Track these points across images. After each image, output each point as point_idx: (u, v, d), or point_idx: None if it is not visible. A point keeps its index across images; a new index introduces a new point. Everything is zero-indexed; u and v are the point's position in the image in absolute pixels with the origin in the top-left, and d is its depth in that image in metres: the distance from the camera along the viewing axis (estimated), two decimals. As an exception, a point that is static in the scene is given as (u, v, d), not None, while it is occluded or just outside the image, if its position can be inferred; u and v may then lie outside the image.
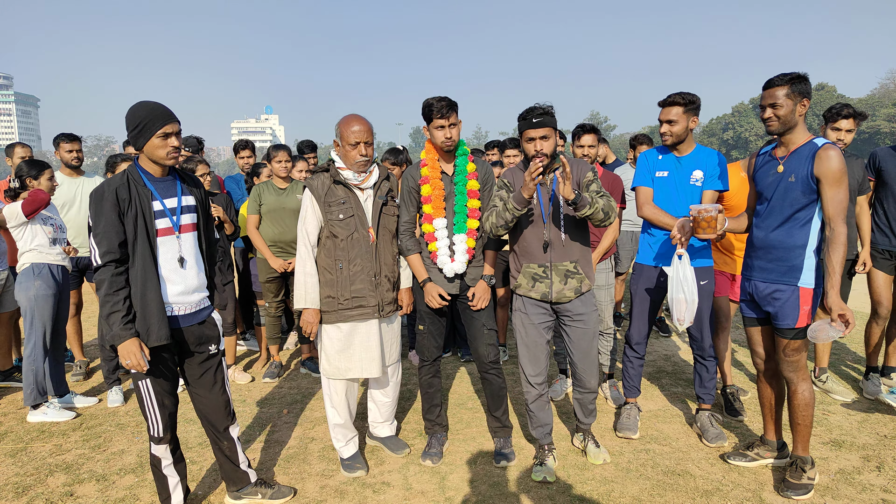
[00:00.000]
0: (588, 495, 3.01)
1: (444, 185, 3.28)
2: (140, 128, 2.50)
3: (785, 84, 2.81)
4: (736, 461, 3.26)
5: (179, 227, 2.65)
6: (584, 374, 3.24)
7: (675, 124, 3.42)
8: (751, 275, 3.05)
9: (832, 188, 2.74)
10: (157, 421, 2.66)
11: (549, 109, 3.01)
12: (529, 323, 3.19)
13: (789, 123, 2.85)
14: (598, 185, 3.08)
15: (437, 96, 3.20)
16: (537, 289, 3.13)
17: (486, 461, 3.40)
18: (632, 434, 3.62)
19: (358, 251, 3.16)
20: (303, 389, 4.65)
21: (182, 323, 2.66)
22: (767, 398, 3.22)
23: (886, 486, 3.01)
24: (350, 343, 3.20)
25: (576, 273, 3.10)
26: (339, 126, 3.15)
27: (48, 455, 3.57)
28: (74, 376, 4.91)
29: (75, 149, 5.01)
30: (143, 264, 2.51)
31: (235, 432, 2.95)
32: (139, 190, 2.54)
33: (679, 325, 3.22)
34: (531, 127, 2.97)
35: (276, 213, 4.71)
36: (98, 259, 2.47)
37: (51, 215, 4.21)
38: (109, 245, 2.45)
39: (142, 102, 2.55)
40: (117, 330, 2.44)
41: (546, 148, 2.95)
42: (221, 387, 2.87)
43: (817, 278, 2.90)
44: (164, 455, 2.74)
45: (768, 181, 2.94)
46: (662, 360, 5.14)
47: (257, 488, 3.00)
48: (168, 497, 2.78)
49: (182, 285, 2.65)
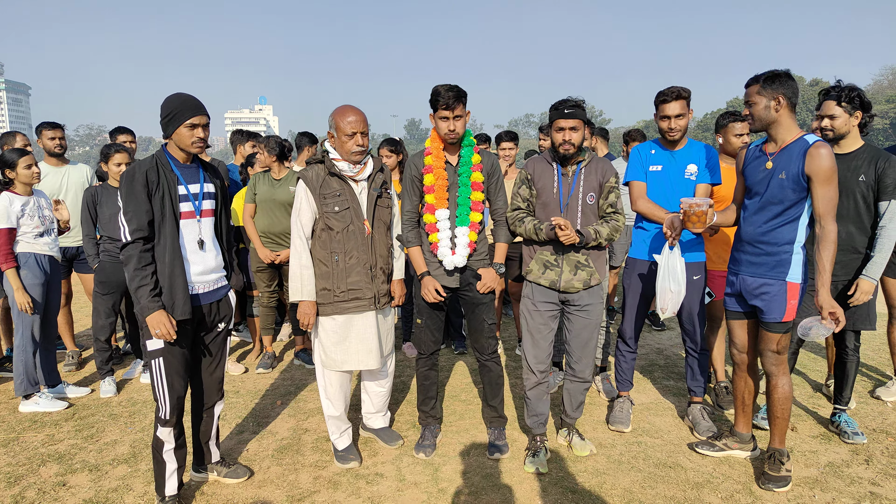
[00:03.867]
0: (580, 487, 3.03)
1: (447, 175, 3.26)
2: (171, 116, 2.67)
3: (757, 82, 2.87)
4: (703, 451, 3.31)
5: (201, 212, 2.82)
6: (579, 363, 3.28)
7: (683, 118, 3.44)
8: (738, 269, 3.07)
9: (823, 186, 2.75)
10: (166, 402, 2.75)
11: (581, 103, 3.11)
12: (535, 310, 3.23)
13: (765, 120, 2.88)
14: (617, 195, 3.15)
15: (445, 84, 3.13)
16: (547, 276, 3.17)
17: (479, 453, 3.41)
18: (624, 427, 3.64)
19: (354, 243, 3.15)
20: (296, 381, 4.65)
21: (202, 301, 2.83)
22: (741, 391, 3.27)
23: (874, 479, 3.04)
24: (346, 335, 3.20)
25: (586, 266, 3.14)
26: (333, 117, 3.12)
27: (40, 445, 3.56)
28: (67, 366, 4.89)
29: (57, 136, 4.93)
30: (171, 243, 2.68)
31: (219, 409, 3.10)
32: (167, 174, 2.70)
33: (661, 313, 3.25)
34: (563, 117, 3.06)
35: (266, 203, 4.73)
36: (128, 236, 2.60)
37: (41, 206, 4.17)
38: (139, 223, 2.60)
39: (177, 93, 2.74)
40: (145, 302, 2.59)
41: (575, 139, 3.05)
42: (221, 364, 3.05)
43: (804, 273, 2.93)
44: (167, 439, 2.80)
45: (758, 177, 2.95)
46: (655, 354, 5.17)
47: (215, 466, 3.15)
48: (163, 484, 2.82)
49: (201, 266, 2.81)
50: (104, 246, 4.37)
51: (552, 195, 3.16)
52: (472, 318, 3.42)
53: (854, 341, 3.56)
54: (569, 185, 3.16)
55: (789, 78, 2.84)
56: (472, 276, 3.34)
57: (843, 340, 3.57)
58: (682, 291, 3.17)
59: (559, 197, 3.15)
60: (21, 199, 4.03)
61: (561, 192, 3.15)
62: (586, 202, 3.14)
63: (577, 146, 3.08)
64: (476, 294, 3.34)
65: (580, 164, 3.15)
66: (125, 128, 5.44)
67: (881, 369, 4.65)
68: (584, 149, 3.18)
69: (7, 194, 3.98)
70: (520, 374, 4.64)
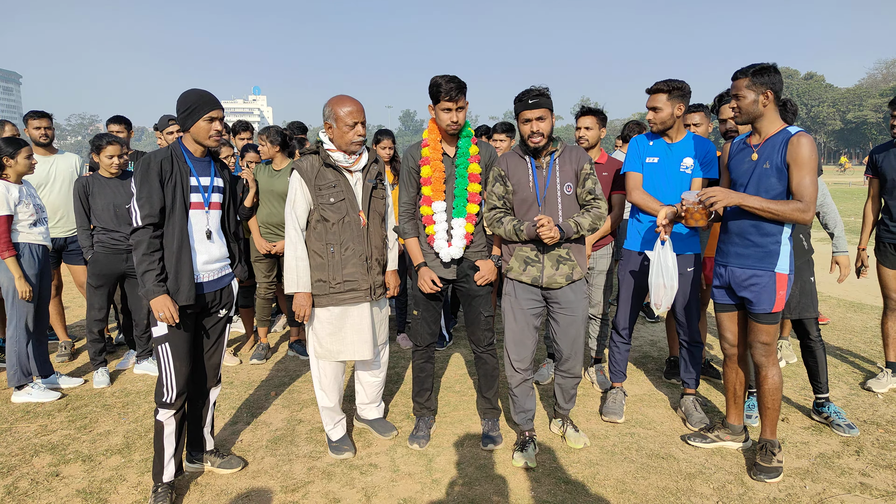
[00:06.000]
0: (573, 477, 3.05)
1: (444, 167, 3.24)
2: (190, 110, 2.76)
3: (746, 76, 2.88)
4: (695, 442, 3.34)
5: (209, 204, 2.90)
6: (569, 360, 3.26)
7: (660, 111, 3.45)
8: (727, 261, 3.08)
9: (799, 171, 2.79)
10: (172, 385, 2.81)
11: (545, 91, 3.02)
12: (518, 308, 3.18)
13: (753, 114, 2.91)
14: (594, 181, 3.08)
15: (445, 75, 3.11)
16: (528, 272, 3.11)
17: (473, 444, 3.43)
18: (617, 418, 3.66)
19: (349, 235, 3.14)
20: (290, 372, 4.64)
21: (206, 288, 2.90)
22: (733, 383, 3.29)
23: (865, 470, 3.07)
24: (341, 326, 3.20)
25: (568, 259, 3.10)
26: (331, 107, 3.07)
27: (33, 435, 3.55)
28: (59, 357, 4.87)
29: (44, 125, 4.86)
30: (179, 231, 2.76)
31: (215, 394, 3.14)
32: (180, 165, 2.79)
33: (656, 309, 3.26)
34: (527, 108, 2.99)
35: (264, 194, 4.73)
36: (139, 221, 2.68)
37: (32, 194, 4.14)
38: (151, 209, 2.68)
39: (193, 89, 2.83)
40: (150, 286, 2.67)
41: (543, 128, 2.98)
42: (219, 349, 3.11)
43: (791, 264, 2.96)
44: (168, 422, 2.84)
45: (743, 168, 2.99)
46: (648, 346, 5.20)
47: (208, 456, 3.17)
48: (161, 470, 2.84)
49: (206, 255, 2.88)
50: (98, 237, 4.33)
51: (528, 190, 3.08)
52: (468, 310, 3.42)
53: (815, 330, 3.60)
54: (544, 178, 3.08)
55: (776, 72, 2.88)
56: (469, 267, 3.33)
57: (806, 332, 3.60)
58: (675, 287, 3.17)
59: (535, 190, 3.08)
60: (16, 187, 4.00)
61: (537, 186, 3.08)
62: (564, 193, 3.06)
63: (547, 136, 3.01)
64: (473, 286, 3.34)
65: (553, 155, 3.09)
66: (121, 117, 5.37)
67: (873, 360, 4.68)
68: (555, 139, 3.11)
69: (2, 182, 3.95)
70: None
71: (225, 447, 3.39)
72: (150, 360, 4.59)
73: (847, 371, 4.47)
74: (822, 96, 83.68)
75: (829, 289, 7.02)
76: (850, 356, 4.82)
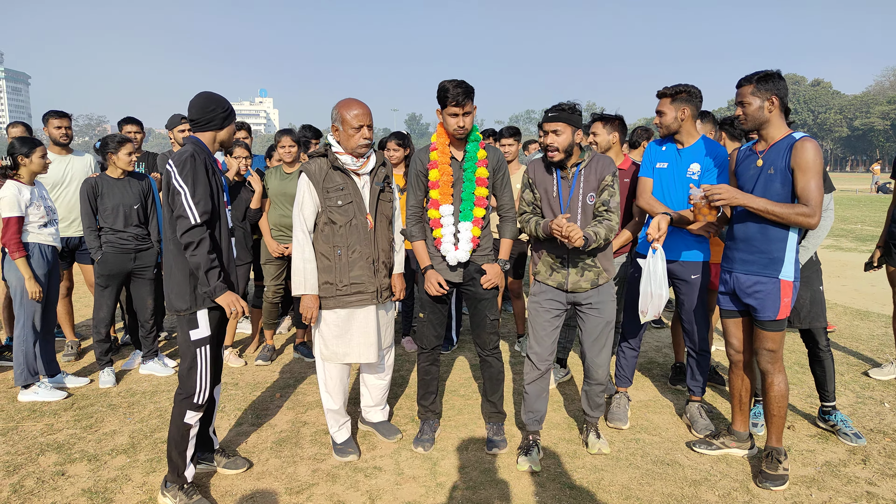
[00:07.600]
0: (578, 483, 3.04)
1: (452, 170, 3.26)
2: (228, 112, 2.87)
3: (750, 83, 2.90)
4: (700, 449, 3.32)
5: (227, 203, 2.96)
6: (592, 364, 3.27)
7: (664, 115, 3.47)
8: (732, 266, 3.08)
9: (804, 176, 2.78)
10: (206, 387, 2.84)
11: (567, 106, 3.05)
12: (542, 308, 3.24)
13: (758, 120, 2.92)
14: (610, 193, 3.10)
15: (453, 80, 3.12)
16: (554, 277, 3.20)
17: (477, 448, 3.42)
18: (622, 424, 3.65)
19: (357, 238, 3.15)
20: (295, 374, 4.65)
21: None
22: (739, 390, 3.28)
23: (871, 479, 3.06)
24: (348, 328, 3.20)
25: (593, 266, 3.14)
26: (338, 110, 3.10)
27: (39, 434, 3.57)
28: (66, 357, 4.90)
29: (64, 125, 4.90)
30: (223, 229, 2.83)
31: (218, 392, 3.14)
32: (213, 163, 2.84)
33: (642, 316, 3.24)
34: (545, 121, 3.07)
35: (277, 197, 4.78)
36: (197, 219, 2.66)
37: (43, 196, 4.17)
38: (206, 206, 2.69)
39: (217, 94, 2.88)
40: (216, 283, 2.70)
41: (559, 143, 3.02)
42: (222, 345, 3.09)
43: (796, 272, 2.95)
44: (195, 424, 2.87)
45: (749, 174, 3.00)
46: (654, 352, 5.18)
47: (215, 455, 3.17)
48: (184, 470, 2.84)
49: (230, 252, 2.93)
50: (106, 237, 4.35)
51: (553, 199, 3.16)
52: (474, 314, 3.42)
53: (824, 339, 3.58)
54: (568, 188, 3.13)
55: (780, 78, 2.89)
56: (475, 271, 3.34)
57: (815, 341, 3.58)
58: (664, 296, 3.15)
59: (560, 200, 3.15)
60: (27, 189, 4.03)
61: (560, 196, 3.14)
62: (586, 202, 3.11)
63: (563, 150, 3.04)
64: (479, 289, 3.34)
65: (579, 166, 3.13)
66: (133, 118, 5.41)
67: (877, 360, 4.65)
68: (584, 149, 3.14)
69: (14, 183, 3.98)
70: (519, 371, 4.65)
71: (230, 447, 3.40)
72: (155, 360, 4.60)
73: (853, 379, 4.45)
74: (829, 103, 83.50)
75: (836, 296, 6.99)
76: (856, 364, 4.79)
